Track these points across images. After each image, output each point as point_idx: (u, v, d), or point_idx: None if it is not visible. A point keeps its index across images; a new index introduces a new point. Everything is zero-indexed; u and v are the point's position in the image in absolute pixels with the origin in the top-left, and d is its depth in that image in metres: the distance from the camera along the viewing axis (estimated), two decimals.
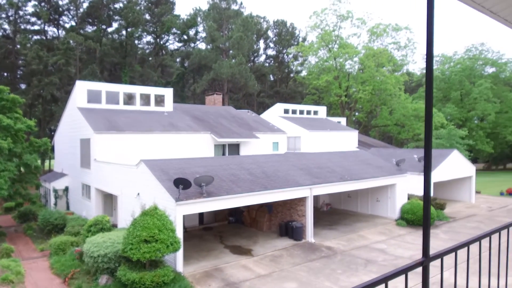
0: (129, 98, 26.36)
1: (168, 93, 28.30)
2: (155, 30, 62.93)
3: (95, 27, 57.47)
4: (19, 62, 52.31)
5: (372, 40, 56.06)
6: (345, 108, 57.19)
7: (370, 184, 21.13)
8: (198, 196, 14.11)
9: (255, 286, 12.77)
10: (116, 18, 58.44)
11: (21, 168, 21.39)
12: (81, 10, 56.11)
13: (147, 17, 62.09)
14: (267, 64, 76.56)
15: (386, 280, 1.94)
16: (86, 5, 55.81)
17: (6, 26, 50.44)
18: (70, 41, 49.32)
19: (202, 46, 66.88)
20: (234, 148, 27.37)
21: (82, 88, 24.36)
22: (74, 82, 25.42)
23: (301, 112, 40.82)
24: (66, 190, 25.89)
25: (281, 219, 19.78)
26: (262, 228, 20.21)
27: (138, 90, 27.10)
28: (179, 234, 13.22)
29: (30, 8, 51.64)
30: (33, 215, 23.80)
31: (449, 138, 39.48)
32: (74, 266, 14.44)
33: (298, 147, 34.66)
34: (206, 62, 58.68)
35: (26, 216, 23.83)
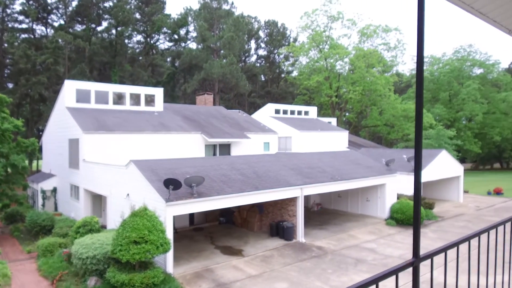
0: (118, 98, 26.11)
1: (158, 93, 28.11)
2: (146, 29, 62.50)
3: (85, 26, 56.83)
4: (7, 61, 51.43)
5: (362, 41, 56.49)
6: (335, 108, 57.50)
7: (360, 184, 21.25)
8: (188, 196, 14.03)
9: (246, 286, 12.74)
10: (105, 17, 57.87)
11: (8, 168, 21.03)
12: (70, 8, 55.46)
13: (137, 16, 61.63)
14: (258, 64, 76.61)
15: (376, 281, 1.93)
16: (75, 3, 55.21)
17: None
18: (59, 40, 48.70)
19: (193, 45, 66.68)
20: (225, 148, 27.30)
21: (71, 87, 24.06)
22: (63, 82, 25.09)
23: (292, 112, 40.92)
24: (54, 191, 25.54)
25: (272, 219, 19.78)
26: (253, 228, 20.19)
27: (128, 89, 26.86)
28: (169, 235, 13.13)
29: (18, 6, 50.89)
30: (20, 217, 23.40)
31: (437, 138, 39.95)
32: (62, 268, 14.24)
33: (289, 147, 34.73)
34: (197, 62, 58.46)
35: (13, 217, 23.41)
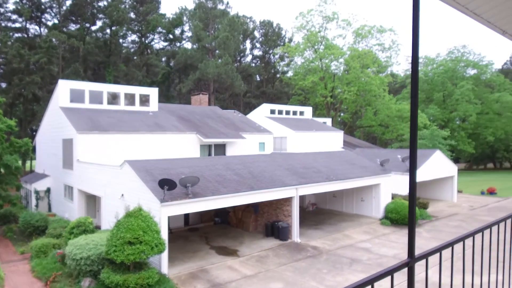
0: (113, 98, 25.97)
1: (153, 92, 28.00)
2: (140, 29, 62.23)
3: (79, 25, 56.47)
4: (0, 60, 50.99)
5: (357, 41, 56.67)
6: (330, 108, 57.65)
7: (355, 184, 21.32)
8: (183, 197, 13.99)
9: (241, 286, 12.73)
10: (100, 16, 57.56)
11: (1, 169, 20.85)
12: (64, 8, 55.08)
13: (132, 15, 61.36)
14: (254, 64, 76.60)
15: (372, 281, 1.93)
16: (69, 2, 54.81)
17: None
18: (53, 39, 48.32)
19: (188, 45, 66.50)
20: (220, 148, 27.26)
21: (64, 87, 23.89)
22: (57, 81, 24.91)
23: (287, 112, 40.96)
24: (48, 191, 25.35)
25: (267, 219, 19.78)
26: (248, 228, 20.18)
27: (122, 89, 26.73)
28: (164, 235, 13.08)
29: (11, 5, 50.36)
30: (13, 217, 23.19)
31: (431, 138, 40.18)
32: (56, 269, 14.13)
33: (284, 148, 34.76)
34: (192, 62, 58.32)
35: (6, 218, 23.20)
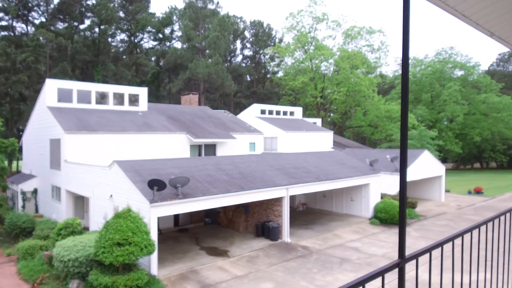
0: (101, 98, 25.69)
1: (142, 92, 27.78)
2: (130, 28, 61.71)
3: (67, 24, 55.78)
4: None
5: (347, 42, 57.05)
6: (320, 109, 57.92)
7: (344, 184, 21.44)
8: (173, 197, 13.90)
9: (232, 287, 12.69)
10: (88, 15, 56.93)
11: None
12: (51, 6, 54.32)
13: (121, 14, 60.84)
14: (244, 64, 76.59)
15: (363, 282, 1.93)
16: (57, 1, 54.09)
17: None
18: (40, 37, 47.63)
19: (178, 45, 66.16)
20: (211, 148, 27.17)
21: (52, 86, 23.54)
22: (44, 80, 24.54)
23: (277, 112, 41.02)
24: (35, 192, 24.96)
25: (257, 220, 19.77)
26: (239, 228, 20.15)
27: (111, 89, 26.45)
28: (154, 236, 12.97)
29: None
30: None
31: (420, 138, 40.65)
32: (43, 271, 13.91)
33: (274, 148, 34.80)
34: (182, 62, 58.05)
35: None
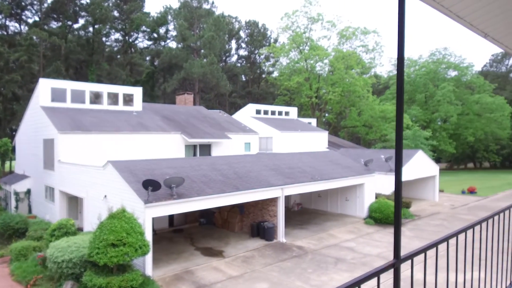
0: (96, 97, 25.54)
1: (137, 92, 27.65)
2: (124, 27, 61.43)
3: (60, 23, 55.40)
4: None
5: (341, 42, 57.24)
6: (315, 109, 58.04)
7: (339, 183, 21.50)
8: (168, 198, 13.84)
9: (227, 287, 12.67)
10: (82, 14, 56.59)
11: None
12: (45, 5, 53.92)
13: (116, 14, 60.53)
14: (239, 64, 76.57)
15: (359, 283, 1.93)
16: (50, 0, 53.67)
17: None
18: (33, 37, 47.27)
19: (172, 44, 66.01)
20: (206, 148, 27.11)
21: (45, 86, 23.36)
22: (37, 80, 24.34)
23: (272, 112, 41.04)
24: (28, 192, 24.76)
25: (252, 220, 19.76)
26: (234, 229, 20.13)
27: (105, 88, 26.30)
28: (148, 237, 12.91)
29: None
30: None
31: (414, 139, 40.88)
32: (36, 272, 13.80)
33: (270, 148, 34.81)
34: (176, 61, 57.90)
35: None
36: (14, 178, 26.27)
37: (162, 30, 66.04)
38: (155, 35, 65.38)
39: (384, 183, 24.75)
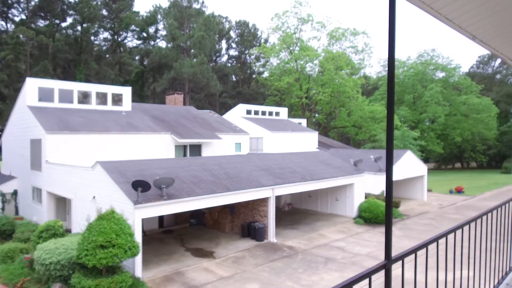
0: (84, 97, 25.24)
1: (126, 92, 27.41)
2: (113, 26, 60.86)
3: (48, 22, 54.62)
4: None
5: (331, 43, 57.57)
6: (305, 109, 58.27)
7: (329, 183, 21.61)
8: (157, 198, 13.75)
9: None
10: (70, 12, 55.87)
11: None
12: (32, 3, 53.11)
13: (104, 12, 59.91)
14: (229, 64, 76.45)
15: (350, 284, 1.94)
16: None
17: None
18: (20, 35, 46.52)
19: (162, 44, 65.58)
20: (196, 149, 27.00)
21: (32, 85, 23.01)
22: (24, 79, 23.95)
23: (263, 113, 41.08)
24: (15, 193, 24.35)
25: (243, 220, 19.74)
26: (224, 229, 20.08)
27: (94, 88, 26.01)
28: (138, 238, 12.81)
29: None
30: None
31: (402, 139, 41.32)
32: (23, 274, 13.57)
33: (260, 148, 34.84)
34: (166, 61, 57.55)
35: None
36: (1, 179, 25.80)
37: (151, 30, 65.63)
38: (145, 35, 64.93)
39: (373, 183, 24.96)
